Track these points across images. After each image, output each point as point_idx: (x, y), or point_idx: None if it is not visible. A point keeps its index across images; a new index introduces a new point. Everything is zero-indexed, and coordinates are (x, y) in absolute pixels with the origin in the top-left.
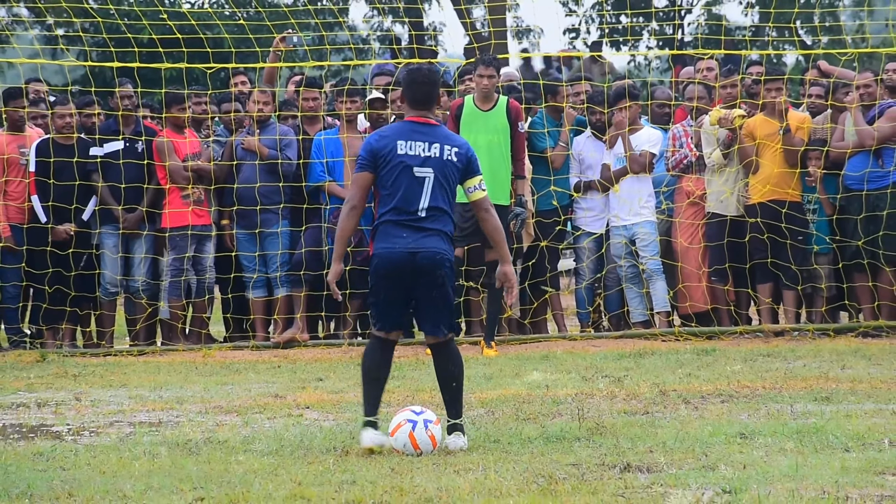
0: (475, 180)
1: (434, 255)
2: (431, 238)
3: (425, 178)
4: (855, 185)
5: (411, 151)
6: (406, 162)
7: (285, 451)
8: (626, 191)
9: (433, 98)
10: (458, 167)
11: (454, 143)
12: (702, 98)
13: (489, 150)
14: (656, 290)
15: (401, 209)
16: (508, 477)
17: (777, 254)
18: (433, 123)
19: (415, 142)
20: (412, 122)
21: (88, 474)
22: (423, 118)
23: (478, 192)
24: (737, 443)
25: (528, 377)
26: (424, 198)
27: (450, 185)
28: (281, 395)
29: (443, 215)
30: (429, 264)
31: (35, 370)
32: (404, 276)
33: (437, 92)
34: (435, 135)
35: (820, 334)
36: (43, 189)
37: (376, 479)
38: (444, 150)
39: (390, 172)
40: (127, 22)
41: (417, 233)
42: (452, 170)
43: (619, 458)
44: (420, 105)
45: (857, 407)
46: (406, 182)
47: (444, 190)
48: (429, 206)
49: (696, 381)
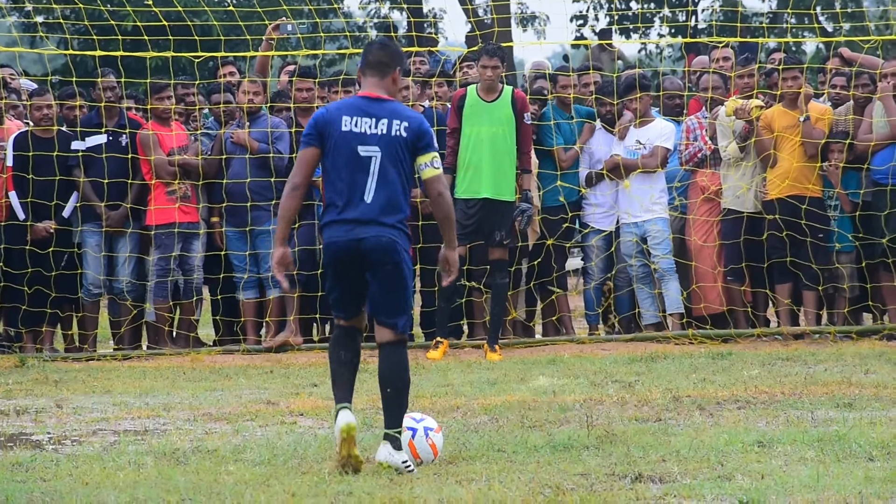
0: (427, 157)
1: (381, 241)
2: (378, 224)
3: (371, 158)
4: (882, 179)
5: (356, 128)
6: (350, 139)
7: (278, 460)
8: (638, 186)
9: (385, 65)
10: (408, 141)
11: (405, 117)
12: (717, 88)
13: (493, 142)
14: (669, 290)
15: (345, 192)
16: (513, 487)
17: (796, 252)
18: (385, 98)
19: (361, 117)
20: (361, 97)
21: (70, 485)
22: (373, 93)
23: (429, 169)
24: (754, 451)
25: (534, 382)
26: (371, 181)
27: (401, 164)
28: (273, 401)
29: (391, 200)
30: (376, 251)
31: (13, 376)
32: (353, 264)
33: (393, 63)
34: (384, 110)
35: (842, 337)
36: (21, 185)
37: (374, 490)
38: (392, 126)
39: (334, 150)
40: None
41: (362, 218)
42: (402, 146)
43: (630, 467)
44: (370, 71)
45: (881, 414)
46: (350, 162)
47: (394, 170)
48: (376, 190)
49: (711, 386)
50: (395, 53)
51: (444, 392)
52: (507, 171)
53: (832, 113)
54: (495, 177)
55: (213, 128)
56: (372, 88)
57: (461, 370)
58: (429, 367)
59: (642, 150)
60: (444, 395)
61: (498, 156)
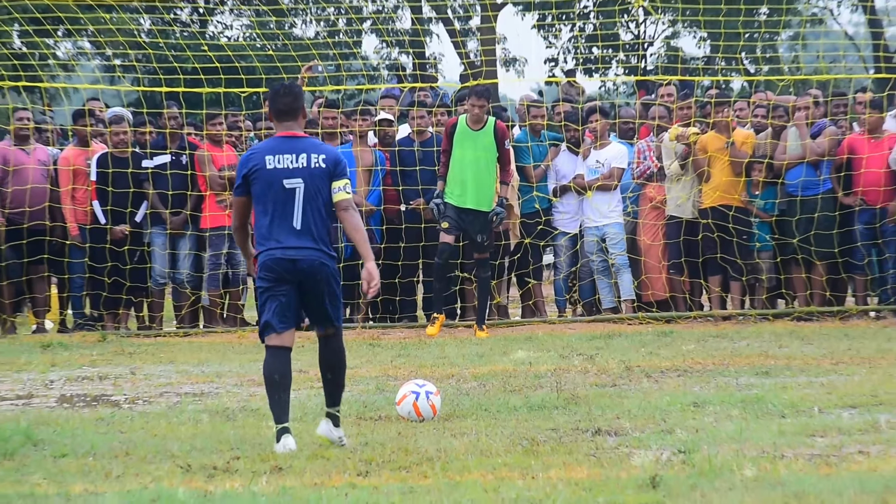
0: (340, 182)
1: (313, 262)
2: (309, 247)
3: (295, 189)
4: (793, 191)
5: (280, 165)
6: (275, 175)
7: (308, 417)
8: (598, 197)
9: (296, 109)
10: (327, 171)
11: (321, 151)
12: (662, 117)
13: (475, 163)
14: (623, 281)
15: (276, 221)
16: (497, 440)
17: (725, 250)
18: (300, 136)
19: (283, 154)
20: (280, 137)
21: (142, 436)
22: (290, 132)
23: (340, 193)
24: (690, 410)
25: (514, 355)
26: (297, 209)
27: (321, 193)
28: (304, 370)
29: (316, 224)
30: (309, 269)
31: (97, 349)
32: (288, 282)
33: (300, 104)
34: (302, 146)
35: (761, 318)
36: (102, 195)
37: (385, 442)
38: (311, 159)
39: (262, 187)
40: (173, 53)
41: (295, 242)
42: (321, 176)
43: (591, 423)
44: (284, 116)
45: (792, 380)
46: (278, 193)
47: (316, 199)
48: (303, 218)
49: (656, 358)
50: (299, 95)
51: (442, 363)
52: (487, 187)
53: (754, 138)
54: (477, 191)
55: None
56: (287, 129)
57: (455, 345)
58: (429, 343)
59: (601, 168)
60: (442, 365)
61: (480, 175)
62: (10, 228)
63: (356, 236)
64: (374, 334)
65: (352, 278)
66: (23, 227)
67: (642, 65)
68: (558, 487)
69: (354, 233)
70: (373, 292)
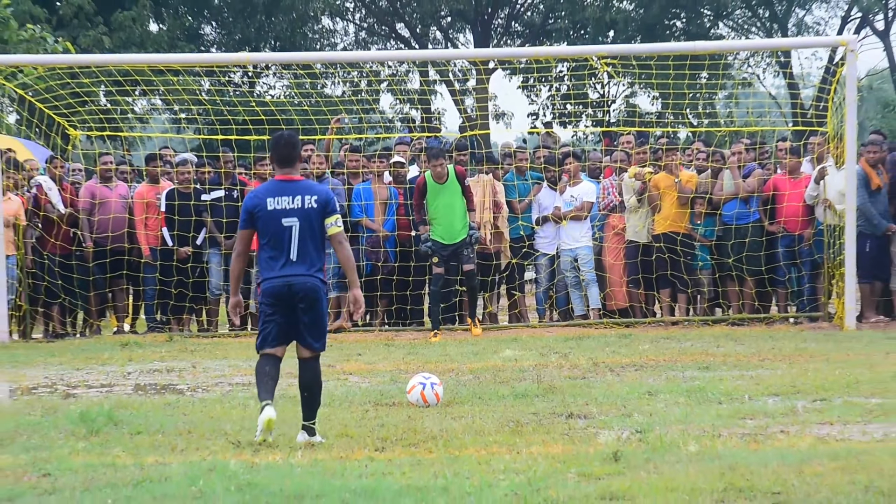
0: (332, 219)
1: (307, 286)
2: (304, 273)
3: (292, 227)
4: (728, 220)
5: (278, 206)
6: (275, 214)
7: (335, 403)
8: (572, 225)
9: (294, 157)
10: (319, 210)
11: (314, 192)
12: (622, 161)
13: (448, 207)
14: (591, 293)
15: (276, 252)
16: (489, 421)
17: (673, 268)
18: (296, 179)
19: (281, 196)
20: (278, 181)
21: (201, 418)
22: (287, 176)
23: (333, 227)
24: (646, 398)
25: (503, 353)
26: (293, 242)
27: (313, 228)
28: (332, 364)
29: (310, 254)
30: (304, 293)
31: (165, 347)
32: (286, 304)
33: (297, 152)
34: (297, 188)
35: (702, 324)
36: (170, 223)
37: (398, 423)
38: (304, 200)
39: (264, 224)
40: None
41: (291, 269)
42: (314, 214)
43: (565, 408)
44: (284, 163)
45: (727, 373)
46: (277, 230)
47: (309, 233)
48: (298, 250)
49: (618, 356)
50: (296, 145)
51: (444, 359)
52: (459, 222)
53: (697, 177)
54: (452, 228)
55: None
56: (286, 173)
57: (455, 346)
58: (434, 345)
59: (574, 201)
60: (444, 361)
61: (452, 214)
62: (96, 250)
63: (346, 265)
64: (389, 336)
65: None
66: (106, 248)
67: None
68: (538, 460)
69: (345, 262)
70: (357, 317)
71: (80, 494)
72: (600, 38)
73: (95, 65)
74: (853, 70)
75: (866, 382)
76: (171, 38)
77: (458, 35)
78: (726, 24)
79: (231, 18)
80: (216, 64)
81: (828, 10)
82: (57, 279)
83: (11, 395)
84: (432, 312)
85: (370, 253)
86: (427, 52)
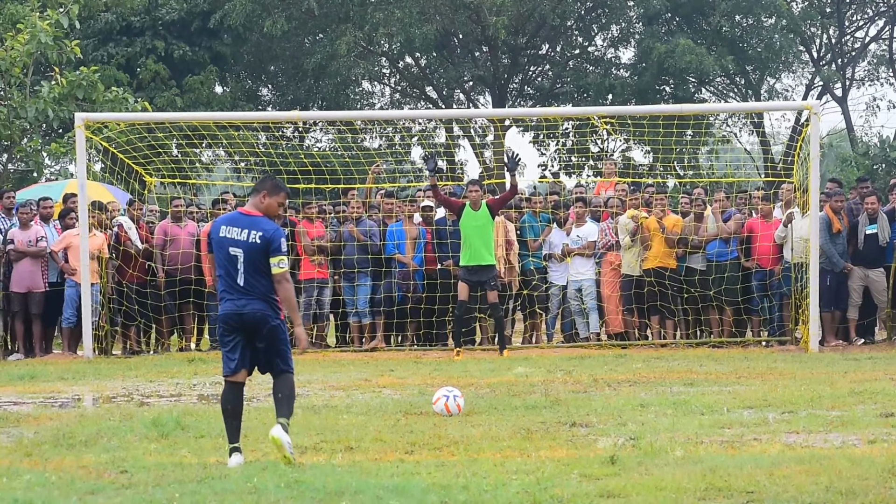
0: (275, 259)
1: (256, 314)
2: (253, 302)
3: (237, 256)
4: (710, 258)
5: (228, 235)
6: (223, 242)
7: (371, 413)
8: (578, 260)
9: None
10: (262, 247)
11: (260, 229)
12: (619, 205)
13: (477, 230)
14: (592, 319)
15: (226, 279)
16: (503, 429)
17: (662, 298)
18: (253, 214)
19: (232, 227)
20: (237, 213)
21: (255, 424)
22: (247, 210)
23: (275, 267)
24: (638, 410)
25: (515, 370)
26: (240, 271)
27: (257, 261)
28: (369, 379)
29: (260, 285)
30: (253, 321)
31: None
32: (238, 330)
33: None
34: (249, 223)
35: (687, 346)
36: None
37: (425, 430)
38: (250, 235)
39: (217, 250)
40: (280, 159)
41: (242, 298)
42: (257, 249)
43: (568, 418)
44: (253, 192)
45: (708, 389)
46: (226, 257)
47: (255, 265)
48: (245, 278)
49: (615, 373)
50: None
51: (465, 375)
52: (488, 248)
53: (682, 221)
54: (481, 252)
55: (335, 225)
56: (249, 206)
57: (475, 364)
58: (456, 362)
59: (580, 241)
60: (465, 376)
61: (481, 240)
62: (167, 279)
63: (286, 305)
64: (418, 354)
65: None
66: (176, 279)
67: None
68: (546, 463)
69: (285, 302)
70: (302, 349)
71: (152, 489)
72: (601, 101)
73: (169, 121)
74: (816, 130)
75: (827, 397)
76: (233, 98)
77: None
78: (708, 90)
79: (284, 82)
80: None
81: (794, 79)
82: (134, 304)
83: (94, 404)
84: (455, 334)
85: (401, 284)
86: (452, 112)
